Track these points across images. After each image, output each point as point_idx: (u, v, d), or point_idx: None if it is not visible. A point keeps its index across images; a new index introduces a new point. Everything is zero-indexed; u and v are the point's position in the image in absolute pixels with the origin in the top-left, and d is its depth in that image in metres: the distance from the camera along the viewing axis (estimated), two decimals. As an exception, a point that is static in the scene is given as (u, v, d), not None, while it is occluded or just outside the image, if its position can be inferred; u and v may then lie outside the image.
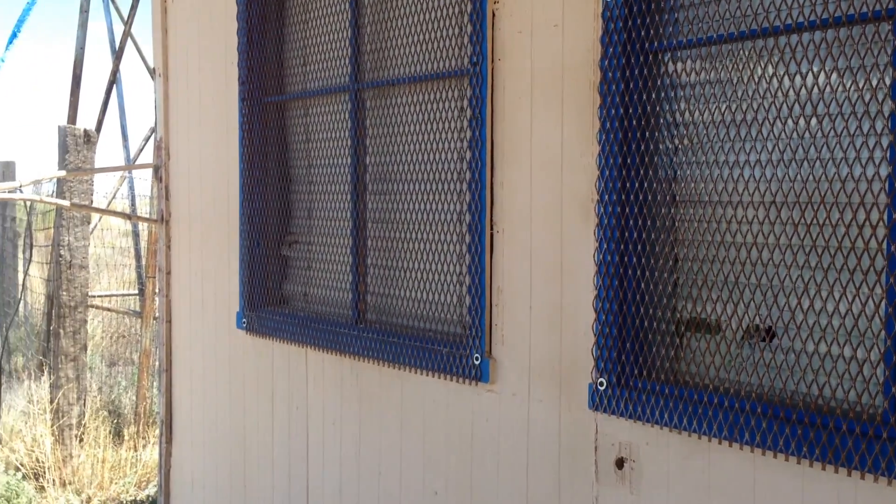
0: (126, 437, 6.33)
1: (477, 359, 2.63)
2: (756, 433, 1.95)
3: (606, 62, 2.22)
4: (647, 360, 2.24)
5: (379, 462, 3.06)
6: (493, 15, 2.55)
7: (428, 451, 2.86)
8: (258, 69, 3.62)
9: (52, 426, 6.02)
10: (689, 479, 2.12)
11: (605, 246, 2.25)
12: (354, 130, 3.17)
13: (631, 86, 2.19)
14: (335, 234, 3.34)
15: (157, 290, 6.41)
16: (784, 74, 1.96)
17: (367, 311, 3.21)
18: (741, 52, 2.05)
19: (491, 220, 2.60)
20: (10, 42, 3.09)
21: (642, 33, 2.17)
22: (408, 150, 2.99)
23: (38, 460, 6.01)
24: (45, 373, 6.89)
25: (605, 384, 2.26)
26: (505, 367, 2.58)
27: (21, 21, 3.07)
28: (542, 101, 2.44)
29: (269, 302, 3.67)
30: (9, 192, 3.79)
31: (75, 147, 5.83)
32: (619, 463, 2.27)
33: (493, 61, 2.57)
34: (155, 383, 6.61)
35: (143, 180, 7.66)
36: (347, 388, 3.21)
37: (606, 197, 2.24)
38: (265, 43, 3.61)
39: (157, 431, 5.40)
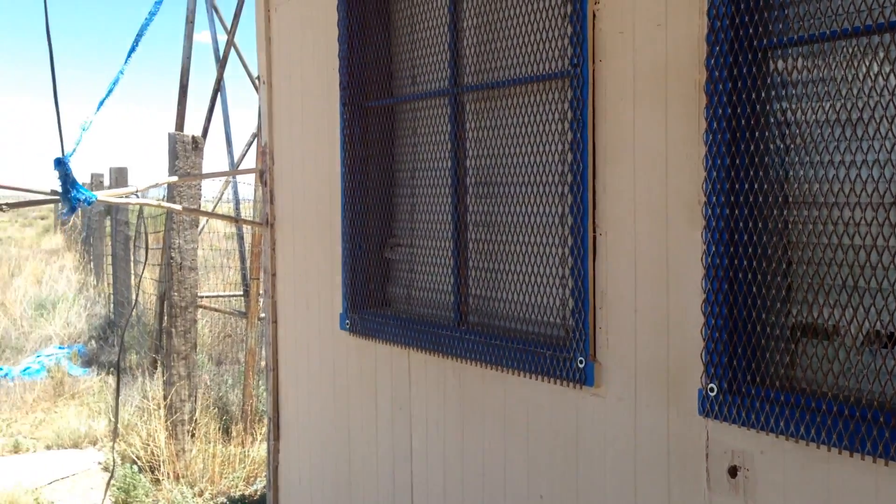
0: (234, 434, 6.54)
1: (581, 362, 2.61)
2: (878, 443, 1.87)
3: (713, 61, 2.16)
4: (759, 365, 2.18)
5: (482, 464, 3.08)
6: (594, 16, 2.53)
7: (532, 454, 2.85)
8: (359, 74, 3.68)
9: (165, 422, 6.28)
10: (807, 490, 2.05)
11: (714, 249, 2.20)
12: (454, 134, 3.19)
13: (738, 84, 2.13)
14: (436, 237, 3.37)
15: (261, 292, 6.61)
16: (905, 69, 1.88)
17: (468, 312, 3.22)
18: (853, 48, 1.97)
19: (594, 222, 2.58)
20: (129, 56, 3.24)
21: (750, 30, 2.11)
22: (509, 152, 2.99)
23: (153, 454, 6.27)
24: (158, 370, 7.19)
25: (715, 390, 2.22)
26: (610, 370, 2.55)
27: (139, 35, 3.21)
28: (644, 102, 2.40)
29: (372, 303, 3.74)
30: (125, 196, 3.97)
31: (184, 153, 6.06)
32: (733, 471, 2.22)
33: (593, 62, 2.54)
34: (260, 382, 6.81)
35: (247, 185, 7.90)
36: (450, 389, 3.23)
37: (714, 199, 2.19)
38: (365, 48, 3.67)
39: (265, 429, 5.57)
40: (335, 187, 3.85)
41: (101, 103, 3.53)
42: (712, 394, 2.22)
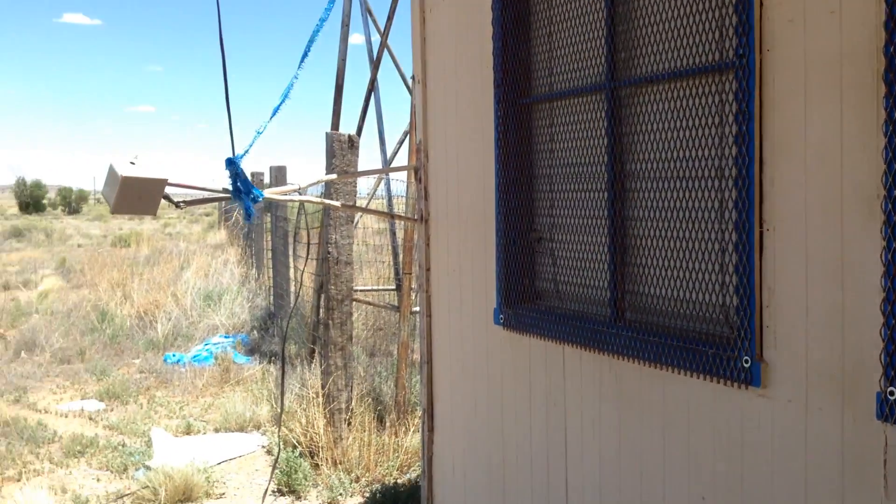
0: (387, 424, 6.74)
1: (747, 361, 2.54)
2: None
3: (892, 48, 2.05)
4: (945, 369, 2.05)
5: (641, 463, 3.04)
6: (761, 4, 2.44)
7: (693, 456, 2.80)
8: (513, 72, 3.71)
9: (323, 409, 6.54)
10: None
11: (895, 244, 2.09)
12: (611, 128, 3.16)
13: (924, 71, 2.01)
14: (593, 232, 3.36)
15: (413, 286, 6.76)
16: None
17: (625, 309, 3.19)
18: None
19: (760, 217, 2.50)
20: (303, 60, 3.42)
21: (938, 13, 1.99)
22: (667, 146, 2.94)
23: (312, 440, 6.55)
24: (315, 360, 7.50)
25: (895, 394, 2.10)
26: (778, 371, 2.47)
27: (311, 41, 3.38)
28: (816, 93, 2.31)
29: (526, 298, 3.76)
30: (288, 194, 4.16)
31: (341, 151, 6.28)
32: (913, 479, 2.10)
33: (760, 52, 2.46)
34: (413, 374, 6.98)
35: (399, 181, 8.10)
36: (606, 386, 3.21)
37: (895, 192, 2.07)
38: (519, 46, 3.69)
39: (419, 420, 5.71)
40: (489, 183, 3.90)
41: (277, 109, 3.73)
42: (892, 397, 2.11)
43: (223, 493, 6.24)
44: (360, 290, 8.16)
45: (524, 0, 3.69)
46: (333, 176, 5.63)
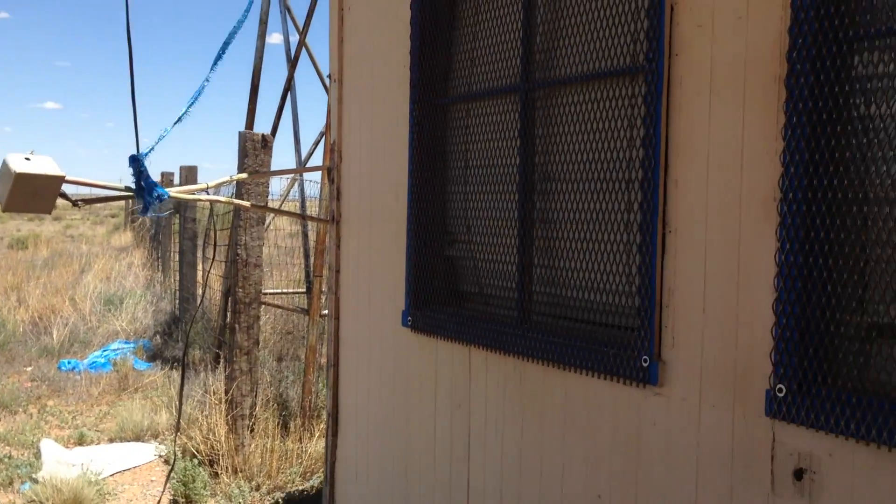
0: (292, 430, 6.61)
1: (645, 361, 2.57)
2: (958, 448, 1.80)
3: (795, 54, 2.13)
4: (831, 366, 2.13)
5: (541, 463, 3.06)
6: (672, 9, 2.50)
7: (592, 454, 2.82)
8: (429, 72, 3.71)
9: (226, 416, 6.37)
10: (877, 494, 1.99)
11: (789, 246, 2.15)
12: (524, 130, 3.19)
13: (822, 78, 2.09)
14: (501, 234, 3.37)
15: (323, 289, 6.68)
16: None
17: (532, 311, 3.21)
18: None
19: (663, 219, 2.55)
20: (216, 63, 3.34)
21: (836, 22, 2.07)
22: (578, 149, 2.98)
23: (213, 448, 6.37)
24: (220, 365, 7.31)
25: (784, 391, 2.16)
26: (675, 370, 2.51)
27: (227, 43, 3.30)
28: (721, 97, 2.37)
29: (434, 301, 3.75)
30: (196, 193, 4.06)
31: (254, 151, 6.17)
32: (798, 474, 2.16)
33: (669, 56, 2.52)
34: (320, 378, 6.88)
35: (314, 183, 8.01)
36: (511, 388, 3.22)
37: (791, 195, 2.14)
38: (436, 46, 3.70)
39: (324, 425, 5.61)
40: (402, 185, 3.88)
41: (186, 110, 3.63)
42: (781, 394, 2.17)
43: (115, 505, 6.00)
44: (270, 293, 8.02)
45: (442, 1, 3.70)
46: (244, 175, 5.52)
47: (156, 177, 3.66)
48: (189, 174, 11.17)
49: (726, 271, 2.36)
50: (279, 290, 8.53)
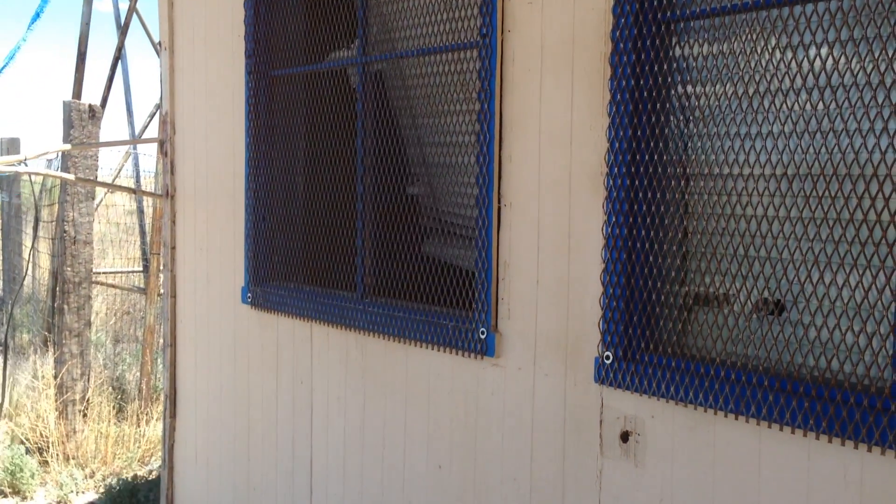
0: (129, 413, 6.34)
1: (483, 333, 2.62)
2: (763, 406, 1.94)
3: (618, 33, 2.19)
4: (654, 333, 2.23)
5: (383, 436, 3.06)
6: (504, -14, 2.53)
7: (432, 425, 2.85)
8: (265, 42, 3.60)
9: (56, 401, 6.03)
10: (694, 452, 2.11)
11: (614, 219, 2.23)
12: (362, 105, 3.15)
13: (642, 57, 2.17)
14: (345, 209, 3.33)
15: (161, 267, 6.41)
16: (798, 45, 1.94)
17: (372, 285, 3.20)
18: (754, 22, 2.03)
19: (499, 193, 2.59)
20: (33, 22, 3.09)
21: (655, 3, 2.15)
22: (417, 123, 2.97)
23: (42, 435, 6.02)
24: (50, 349, 6.90)
25: (611, 358, 2.26)
26: (511, 341, 2.57)
27: (45, 1, 3.06)
28: (552, 74, 2.42)
29: (274, 277, 3.67)
30: (14, 165, 3.78)
31: (80, 122, 5.82)
32: (624, 436, 2.26)
33: (502, 33, 2.55)
34: (159, 360, 6.62)
35: (149, 156, 7.64)
36: (352, 362, 3.20)
37: (616, 170, 2.22)
38: (272, 15, 3.59)
39: (161, 407, 5.41)
40: (239, 159, 3.76)
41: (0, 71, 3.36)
42: (608, 362, 2.26)
43: (-68, 499, 5.57)
44: (104, 273, 7.62)
45: (279, -31, 3.59)
46: (67, 146, 5.20)
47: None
48: (11, 146, 10.39)
49: (558, 244, 2.42)
50: (115, 270, 8.12)
